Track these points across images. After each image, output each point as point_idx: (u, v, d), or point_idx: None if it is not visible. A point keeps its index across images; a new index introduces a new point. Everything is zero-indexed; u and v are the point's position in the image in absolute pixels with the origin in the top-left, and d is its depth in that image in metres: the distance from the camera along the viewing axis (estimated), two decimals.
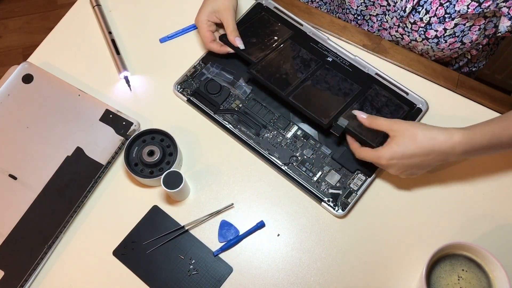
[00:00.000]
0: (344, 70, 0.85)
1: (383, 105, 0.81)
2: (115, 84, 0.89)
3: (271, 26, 0.89)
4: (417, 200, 0.78)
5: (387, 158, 0.70)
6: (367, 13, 0.94)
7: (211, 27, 0.85)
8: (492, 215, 0.77)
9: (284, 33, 0.88)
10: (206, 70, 0.87)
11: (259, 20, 0.90)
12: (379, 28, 0.94)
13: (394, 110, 0.81)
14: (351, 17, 0.97)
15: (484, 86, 0.86)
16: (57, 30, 0.94)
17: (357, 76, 0.84)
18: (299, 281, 0.74)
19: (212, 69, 0.87)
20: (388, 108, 0.81)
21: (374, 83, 0.84)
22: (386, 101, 0.82)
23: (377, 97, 0.82)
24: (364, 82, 0.83)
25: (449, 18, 0.79)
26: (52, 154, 0.80)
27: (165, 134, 0.80)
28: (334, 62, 0.85)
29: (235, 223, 0.78)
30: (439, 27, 0.81)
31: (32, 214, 0.76)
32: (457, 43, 0.84)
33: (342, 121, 0.76)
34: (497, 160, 0.81)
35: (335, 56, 0.86)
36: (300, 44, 0.86)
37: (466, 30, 0.81)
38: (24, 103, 0.83)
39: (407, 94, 0.83)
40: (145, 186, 0.81)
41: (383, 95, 0.82)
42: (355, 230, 0.77)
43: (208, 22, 0.84)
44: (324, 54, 0.86)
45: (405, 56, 0.88)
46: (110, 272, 0.76)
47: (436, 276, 0.67)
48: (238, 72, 0.87)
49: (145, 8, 0.96)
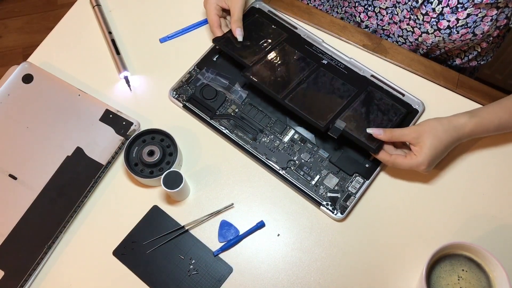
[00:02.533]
0: (340, 72, 0.84)
1: (380, 107, 0.81)
2: (115, 84, 0.89)
3: (265, 29, 0.88)
4: (416, 200, 0.78)
5: (426, 164, 0.73)
6: (378, 5, 0.93)
7: (219, 12, 0.86)
8: (492, 215, 0.77)
9: (279, 36, 0.87)
10: (201, 76, 0.87)
11: (253, 23, 0.89)
12: (389, 22, 0.94)
13: (391, 112, 0.81)
14: (361, 9, 0.97)
15: (484, 86, 0.86)
16: (57, 30, 0.94)
17: (353, 79, 0.83)
18: (299, 281, 0.74)
19: (208, 75, 0.87)
20: (385, 110, 0.81)
21: (370, 85, 0.83)
22: (383, 103, 0.81)
23: (373, 99, 0.81)
24: (360, 84, 0.83)
25: (461, 8, 0.80)
26: (52, 154, 0.80)
27: (165, 134, 0.80)
28: (330, 64, 0.85)
29: (235, 223, 0.78)
30: (451, 17, 0.81)
31: (32, 214, 0.76)
32: (469, 34, 0.84)
33: (340, 124, 0.76)
34: (497, 160, 0.81)
35: (330, 59, 0.85)
36: (295, 47, 0.86)
37: (478, 21, 0.81)
38: (24, 103, 0.83)
39: (403, 96, 0.83)
40: (145, 186, 0.81)
41: (380, 97, 0.82)
42: (355, 231, 0.77)
43: (217, 6, 0.85)
44: (319, 57, 0.85)
45: (405, 56, 0.88)
46: (110, 272, 0.76)
47: (436, 276, 0.67)
48: (233, 77, 0.87)
49: (145, 8, 0.96)
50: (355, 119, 0.78)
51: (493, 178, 0.80)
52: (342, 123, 0.76)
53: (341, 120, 0.77)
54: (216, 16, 0.85)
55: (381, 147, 0.76)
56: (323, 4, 1.05)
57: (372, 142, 0.75)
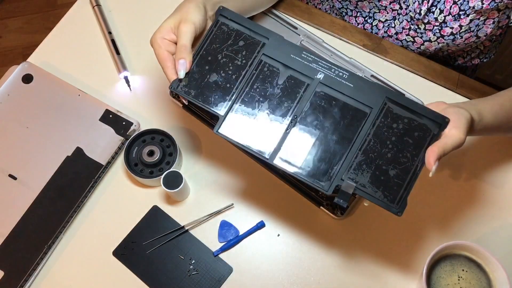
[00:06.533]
0: (343, 87, 0.63)
1: (406, 132, 0.60)
2: (115, 84, 0.88)
3: (235, 41, 0.66)
4: (416, 200, 0.78)
5: (463, 136, 0.60)
6: (378, 18, 0.93)
7: (170, 47, 0.66)
8: (492, 215, 0.77)
9: (254, 47, 0.65)
10: None
11: (217, 37, 0.66)
12: (384, 35, 0.94)
13: (417, 135, 0.60)
14: (361, 20, 0.96)
15: (484, 86, 0.86)
16: (57, 30, 0.94)
17: (363, 92, 0.62)
18: (299, 281, 0.74)
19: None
20: (410, 135, 0.60)
21: (388, 97, 0.62)
22: (407, 123, 0.61)
23: (394, 122, 0.61)
24: (373, 99, 0.62)
25: (464, 14, 0.80)
26: (52, 154, 0.80)
27: (165, 134, 0.80)
28: (328, 78, 0.63)
29: (235, 223, 0.78)
30: (454, 24, 0.81)
31: (32, 214, 0.76)
32: (473, 37, 0.84)
33: (348, 184, 0.58)
34: (497, 160, 0.81)
35: (327, 68, 0.63)
36: (278, 59, 0.64)
37: (481, 24, 0.81)
38: (24, 103, 0.83)
39: (403, 95, 0.82)
40: (145, 186, 0.81)
41: (402, 116, 0.61)
42: (355, 230, 0.77)
43: (164, 40, 0.66)
44: (313, 69, 0.63)
45: (405, 56, 0.88)
46: (110, 272, 0.76)
47: (436, 276, 0.67)
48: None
49: (145, 8, 0.96)
50: (369, 164, 0.60)
51: (493, 178, 0.80)
52: (351, 185, 0.58)
53: (350, 177, 0.59)
54: (166, 53, 0.65)
55: (405, 204, 0.59)
56: (322, 3, 1.05)
57: (392, 199, 0.58)
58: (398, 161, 0.59)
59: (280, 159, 0.61)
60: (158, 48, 0.66)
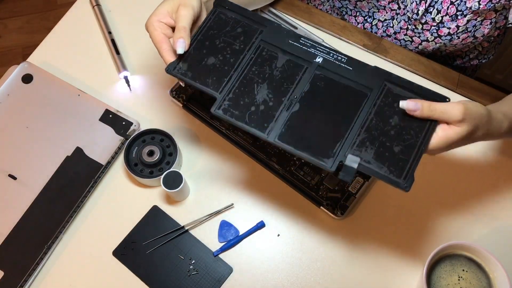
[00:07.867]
0: (342, 70, 0.62)
1: (403, 112, 0.59)
2: (115, 84, 0.88)
3: (233, 28, 0.66)
4: (416, 200, 0.78)
5: (458, 113, 0.56)
6: (378, 17, 0.93)
7: (166, 30, 0.66)
8: (492, 215, 0.77)
9: (252, 34, 0.65)
10: None
11: (216, 24, 0.67)
12: (383, 35, 0.94)
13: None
14: (360, 19, 0.97)
15: (484, 86, 0.86)
16: (57, 30, 0.94)
17: (362, 75, 0.62)
18: (299, 281, 0.74)
19: None
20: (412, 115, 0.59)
21: (387, 79, 0.61)
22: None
23: (395, 101, 0.60)
24: (373, 81, 0.61)
25: (461, 15, 0.80)
26: (52, 154, 0.80)
27: (165, 134, 0.80)
28: (326, 62, 0.63)
29: (235, 223, 0.78)
30: (451, 25, 0.81)
31: (32, 214, 0.76)
32: (470, 38, 0.84)
33: (352, 159, 0.57)
34: (497, 160, 0.80)
35: (325, 53, 0.63)
36: (276, 45, 0.64)
37: (478, 25, 0.81)
38: (24, 103, 0.83)
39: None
40: (145, 186, 0.81)
41: (403, 95, 0.60)
42: (355, 230, 0.77)
43: (160, 24, 0.66)
44: (311, 54, 0.63)
45: (405, 56, 0.88)
46: (110, 272, 0.76)
47: (436, 276, 0.67)
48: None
49: (145, 8, 0.95)
50: (373, 141, 0.58)
51: (493, 178, 0.80)
52: (355, 159, 0.57)
53: (353, 154, 0.58)
54: (162, 35, 0.65)
55: (412, 179, 0.56)
56: (323, 4, 1.05)
57: (398, 175, 0.56)
58: (402, 138, 0.58)
59: (280, 139, 0.60)
60: (153, 30, 0.65)
